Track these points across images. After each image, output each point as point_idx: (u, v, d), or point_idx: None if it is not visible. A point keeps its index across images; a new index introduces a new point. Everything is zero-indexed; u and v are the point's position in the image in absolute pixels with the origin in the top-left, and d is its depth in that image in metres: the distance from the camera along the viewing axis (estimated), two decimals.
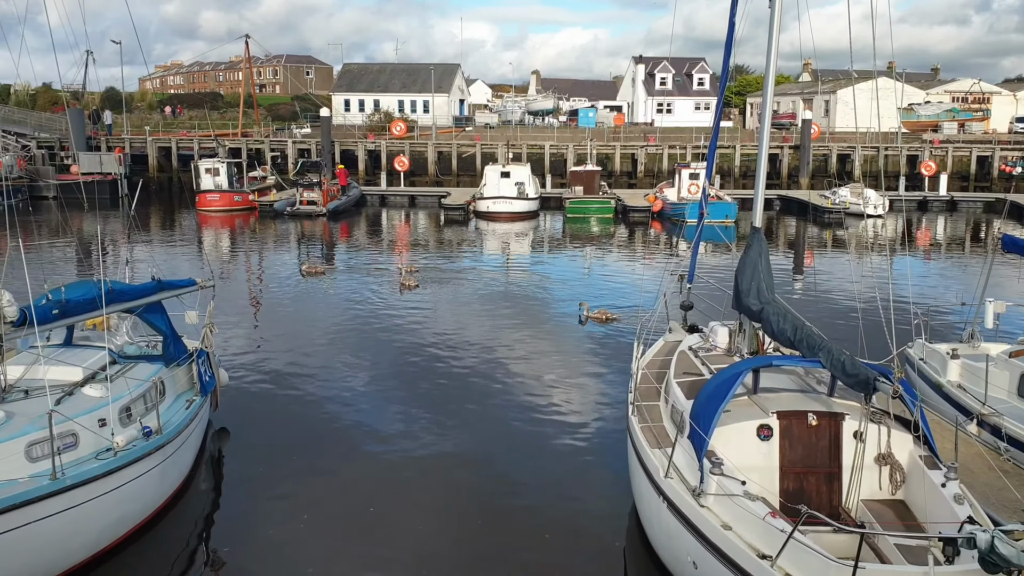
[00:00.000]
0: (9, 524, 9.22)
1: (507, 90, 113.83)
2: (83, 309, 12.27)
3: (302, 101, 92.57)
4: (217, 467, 14.34)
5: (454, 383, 18.63)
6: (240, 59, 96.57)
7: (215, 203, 50.09)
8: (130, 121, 70.96)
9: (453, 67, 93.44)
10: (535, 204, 51.41)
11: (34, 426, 10.28)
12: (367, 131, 70.58)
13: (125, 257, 16.37)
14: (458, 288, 29.37)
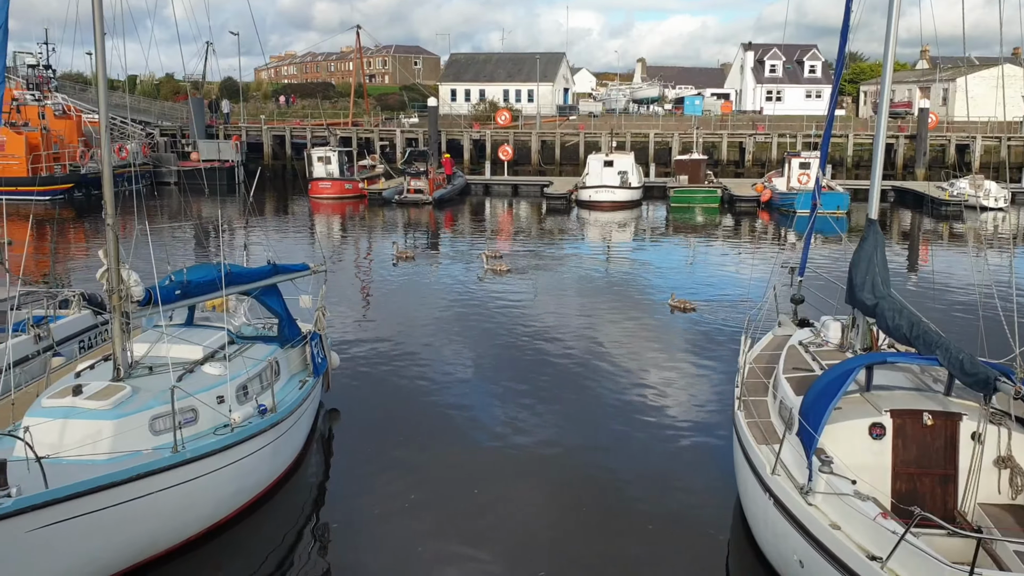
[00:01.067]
0: (134, 493, 9.73)
1: (612, 78, 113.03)
2: (204, 290, 12.81)
3: (410, 91, 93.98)
4: (327, 446, 14.78)
5: (554, 370, 18.72)
6: (351, 50, 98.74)
7: (326, 191, 51.40)
8: (246, 110, 73.40)
9: (558, 56, 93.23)
10: (638, 193, 50.97)
11: (157, 401, 10.78)
12: (472, 120, 71.16)
13: (243, 241, 16.97)
14: (558, 277, 29.45)
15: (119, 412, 10.41)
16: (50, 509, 8.78)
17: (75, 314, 17.16)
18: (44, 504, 8.72)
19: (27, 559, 8.78)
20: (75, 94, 62.10)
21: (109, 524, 9.46)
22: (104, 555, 9.73)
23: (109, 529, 9.50)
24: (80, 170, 50.43)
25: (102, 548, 9.62)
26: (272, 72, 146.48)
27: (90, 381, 11.09)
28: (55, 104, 52.92)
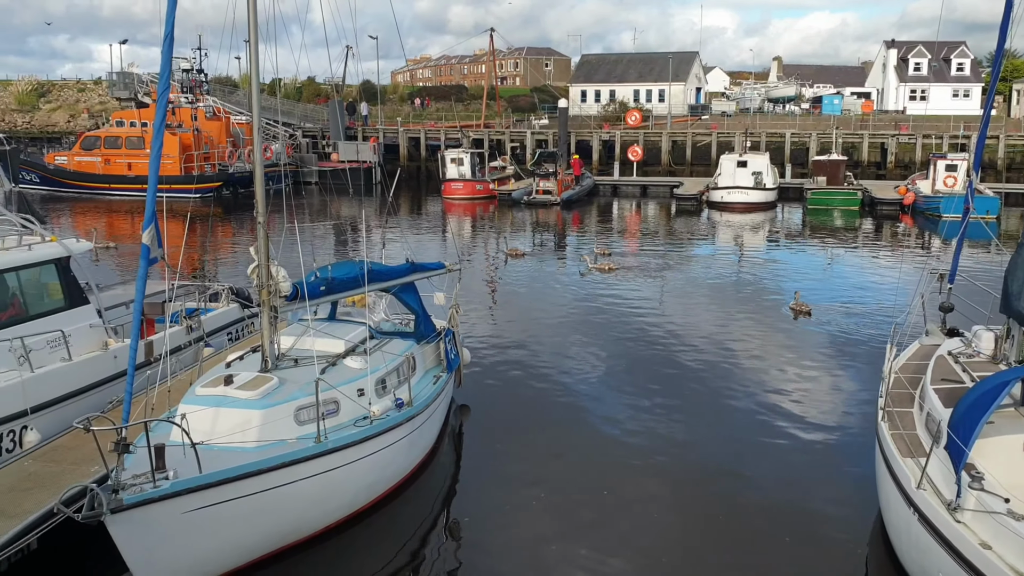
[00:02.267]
0: (280, 480, 10.17)
1: (746, 77, 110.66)
2: (347, 287, 13.27)
3: (540, 92, 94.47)
4: (459, 441, 15.07)
5: (684, 372, 18.52)
6: (484, 52, 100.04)
7: (459, 191, 52.30)
8: (383, 112, 75.42)
9: (691, 55, 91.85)
10: (773, 195, 49.71)
11: (302, 392, 11.23)
12: (602, 121, 70.97)
13: (382, 240, 17.48)
14: (688, 278, 29.14)
15: (267, 402, 10.89)
16: (204, 492, 9.29)
17: (224, 307, 18.09)
18: (199, 488, 9.23)
19: (183, 539, 9.31)
20: (224, 96, 65.28)
21: (257, 509, 9.93)
22: (252, 538, 10.21)
23: (257, 514, 9.97)
24: (228, 169, 52.96)
25: (250, 532, 10.11)
26: (408, 75, 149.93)
27: (240, 372, 11.65)
28: (206, 106, 55.75)
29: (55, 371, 13.09)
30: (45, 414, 12.66)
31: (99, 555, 9.81)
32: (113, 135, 54.36)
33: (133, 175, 51.72)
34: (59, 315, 13.78)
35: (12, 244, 13.92)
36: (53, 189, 52.17)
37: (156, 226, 9.97)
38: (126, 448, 8.74)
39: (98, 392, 13.67)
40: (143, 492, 8.75)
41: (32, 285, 13.84)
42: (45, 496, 10.31)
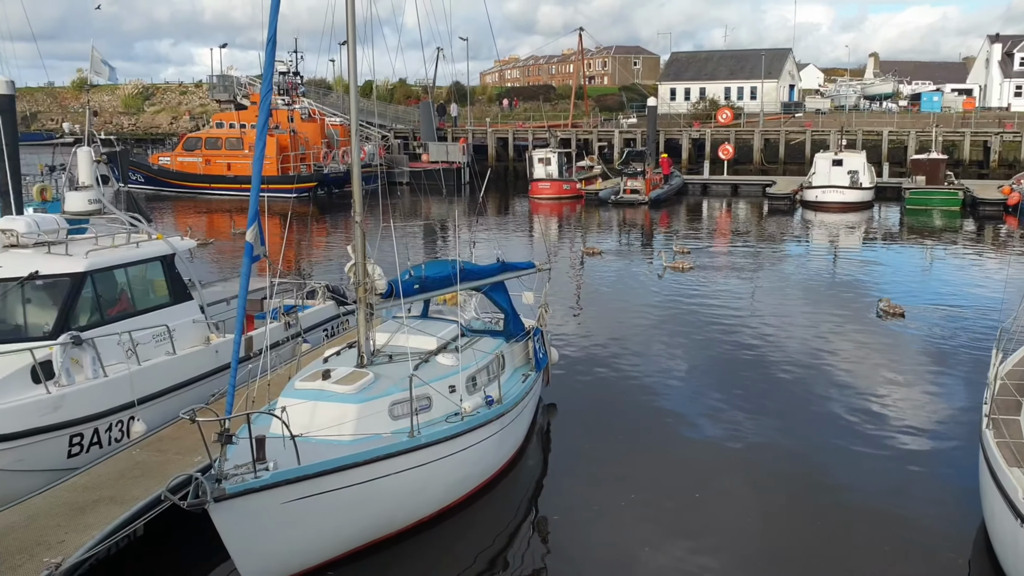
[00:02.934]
0: (375, 473, 10.38)
1: (841, 74, 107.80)
2: (440, 285, 13.47)
3: (629, 91, 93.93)
4: (547, 439, 15.11)
5: (774, 374, 18.22)
6: (572, 52, 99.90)
7: (545, 191, 52.40)
8: (472, 113, 76.04)
9: (784, 52, 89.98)
10: (869, 194, 48.38)
11: (397, 388, 11.44)
12: (692, 119, 70.13)
13: (470, 239, 17.69)
14: (779, 278, 28.64)
15: (363, 397, 11.14)
16: (303, 484, 9.55)
17: (321, 304, 18.55)
18: (298, 479, 9.49)
19: (281, 529, 9.59)
20: (319, 99, 66.81)
21: (353, 501, 10.16)
22: (347, 530, 10.45)
23: (352, 506, 10.20)
24: (323, 170, 54.19)
25: (345, 523, 10.34)
26: (497, 76, 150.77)
27: (337, 367, 11.94)
28: (302, 108, 57.18)
29: (160, 364, 13.64)
30: (151, 406, 13.20)
31: (200, 543, 10.19)
32: (213, 136, 56.21)
33: (232, 175, 53.39)
34: (164, 310, 14.34)
35: (121, 242, 14.54)
36: (157, 188, 54.22)
37: (259, 225, 10.29)
38: (229, 439, 9.04)
39: (200, 385, 14.19)
40: (244, 482, 9.04)
41: (139, 281, 14.42)
42: (152, 484, 10.76)
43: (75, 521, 9.85)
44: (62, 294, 12.90)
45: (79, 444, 12.11)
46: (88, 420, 12.14)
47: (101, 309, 13.30)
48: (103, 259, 13.62)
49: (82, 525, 9.74)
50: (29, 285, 12.86)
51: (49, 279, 12.96)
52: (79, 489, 10.71)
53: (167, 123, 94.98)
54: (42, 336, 12.43)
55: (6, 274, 12.81)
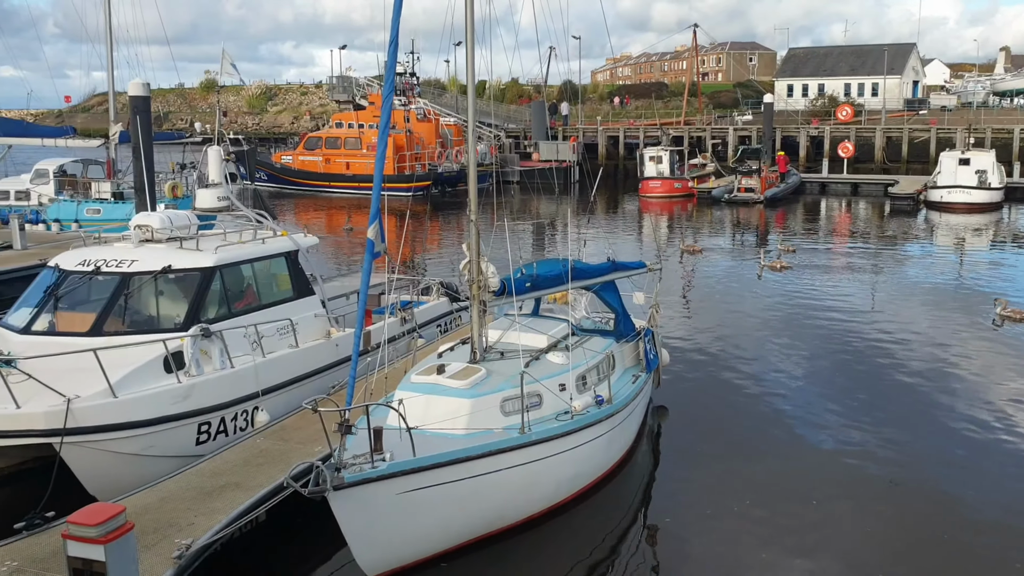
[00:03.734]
0: (487, 468, 10.55)
1: (969, 69, 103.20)
2: (551, 284, 13.55)
3: (744, 88, 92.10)
4: (657, 442, 15.02)
5: (892, 379, 17.67)
6: (685, 48, 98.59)
7: (656, 189, 51.94)
8: (583, 112, 75.97)
9: (907, 47, 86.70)
10: (998, 195, 46.15)
11: (508, 384, 11.58)
12: (810, 116, 68.28)
13: (580, 238, 17.73)
14: (900, 281, 27.72)
15: (476, 392, 11.32)
16: (418, 475, 9.78)
17: (435, 301, 18.92)
18: (414, 470, 9.73)
19: (396, 519, 9.85)
20: (433, 99, 67.94)
21: (465, 494, 10.35)
22: (459, 523, 10.65)
23: (465, 499, 10.39)
24: (437, 169, 55.09)
25: (458, 516, 10.54)
26: (608, 74, 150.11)
27: (451, 362, 12.18)
28: (418, 108, 58.23)
29: (284, 356, 14.17)
30: (274, 396, 13.73)
31: (318, 530, 10.57)
32: (333, 136, 57.83)
33: (351, 174, 54.85)
34: (288, 305, 14.88)
35: (248, 238, 15.17)
36: (280, 186, 56.14)
37: (380, 223, 10.58)
38: (349, 429, 9.34)
39: (321, 377, 14.69)
40: (363, 472, 9.33)
41: (264, 276, 15.02)
42: (275, 471, 11.21)
43: (203, 505, 10.35)
44: (193, 287, 13.55)
45: (206, 432, 12.71)
46: (215, 409, 12.73)
47: (229, 302, 13.90)
48: (231, 254, 14.25)
49: (210, 509, 10.23)
50: (162, 278, 13.55)
51: (181, 273, 13.62)
52: (207, 474, 11.25)
53: (289, 123, 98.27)
54: (173, 328, 13.08)
55: (141, 267, 13.54)
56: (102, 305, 13.25)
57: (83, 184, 35.28)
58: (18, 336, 13.06)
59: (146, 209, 18.65)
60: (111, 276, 13.42)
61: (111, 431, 11.48)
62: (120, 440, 11.60)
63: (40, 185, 34.91)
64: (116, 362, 11.66)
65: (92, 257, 13.77)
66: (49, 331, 13.14)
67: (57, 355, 11.72)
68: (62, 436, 10.99)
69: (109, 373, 11.38)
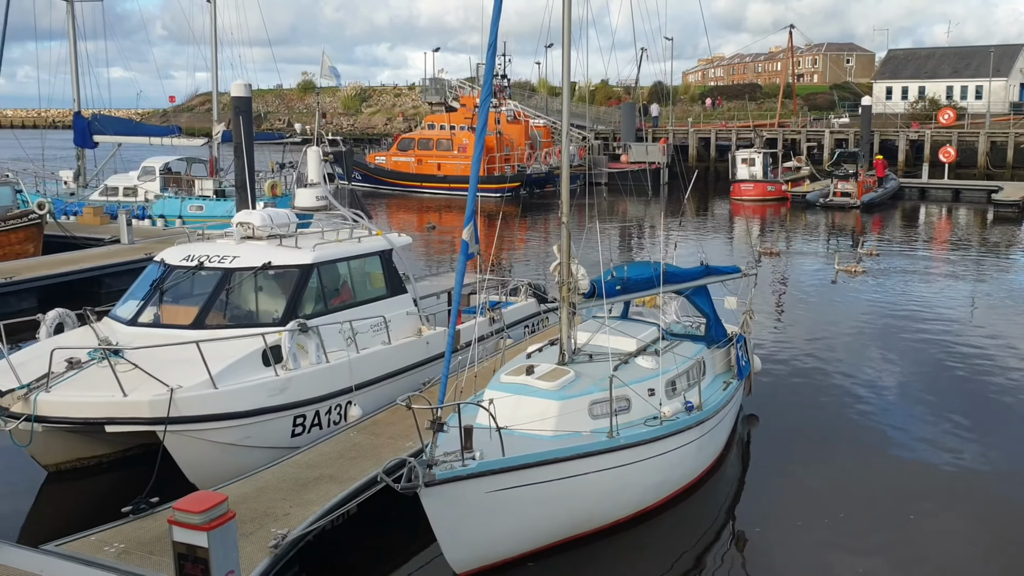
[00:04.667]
0: (575, 470, 10.56)
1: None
2: (642, 287, 13.47)
3: (840, 90, 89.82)
4: (747, 450, 14.79)
5: (995, 395, 16.99)
6: (780, 49, 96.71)
7: (748, 192, 51.12)
8: (674, 113, 75.23)
9: (1015, 48, 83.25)
10: None
11: (597, 387, 11.56)
12: (910, 119, 66.21)
13: (673, 241, 17.58)
14: (1004, 290, 26.79)
15: (564, 394, 11.34)
16: (507, 475, 9.85)
17: (523, 301, 19.02)
18: (503, 470, 9.81)
19: (485, 517, 9.94)
20: (523, 100, 68.18)
21: (552, 496, 10.38)
22: (546, 524, 10.68)
23: (552, 500, 10.42)
24: (526, 170, 55.29)
25: (545, 517, 10.58)
26: (699, 75, 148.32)
27: (540, 363, 12.22)
28: (508, 110, 58.54)
29: (376, 353, 14.45)
30: (366, 391, 14.01)
31: (407, 526, 10.73)
32: (425, 137, 58.59)
33: (442, 175, 55.48)
34: (381, 302, 15.16)
35: (345, 236, 15.51)
36: (373, 186, 57.11)
37: (475, 224, 10.71)
38: (440, 427, 9.48)
39: (411, 374, 14.93)
40: (453, 469, 9.45)
41: (359, 274, 15.34)
42: (367, 465, 11.45)
43: (299, 496, 10.64)
44: (291, 284, 13.93)
45: (301, 424, 13.05)
46: (310, 402, 13.05)
47: (325, 299, 14.25)
48: (328, 252, 14.60)
49: (305, 500, 10.50)
50: (262, 274, 13.97)
51: (280, 269, 14.02)
52: (302, 466, 11.55)
53: (382, 124, 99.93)
54: (272, 322, 13.47)
55: (242, 263, 13.98)
56: (204, 299, 13.73)
57: (187, 181, 36.63)
58: (125, 327, 13.62)
59: (247, 207, 19.28)
60: (214, 271, 13.90)
61: (211, 421, 11.89)
62: (219, 430, 12.00)
63: (147, 182, 36.36)
64: (217, 354, 12.05)
65: (196, 253, 14.28)
66: (154, 323, 13.67)
67: (161, 346, 12.21)
68: (165, 425, 11.42)
69: (210, 365, 11.77)
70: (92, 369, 12.06)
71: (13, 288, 22.75)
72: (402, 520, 11.00)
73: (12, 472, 13.18)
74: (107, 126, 39.41)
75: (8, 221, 27.36)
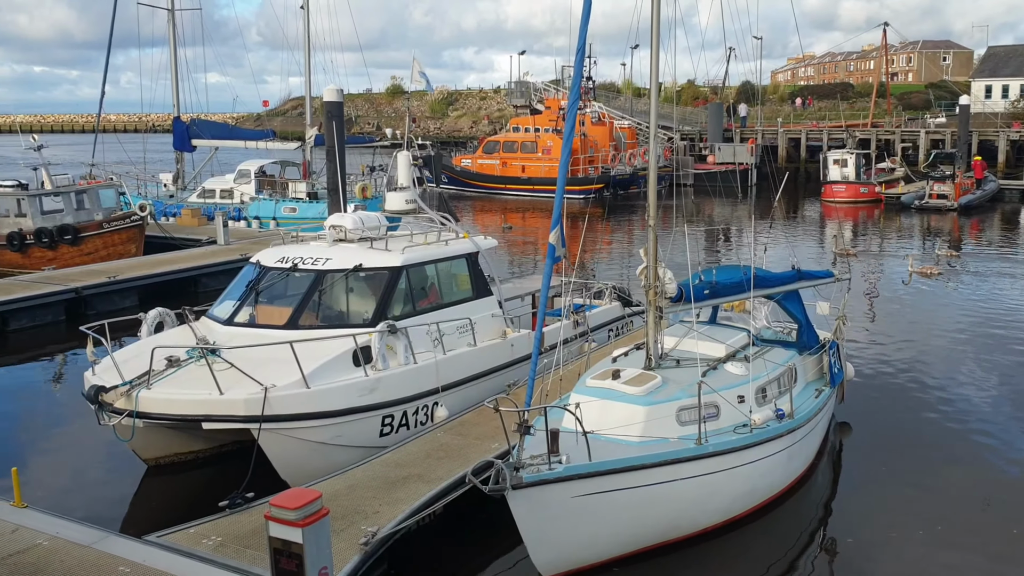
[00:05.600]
0: (662, 477, 10.46)
1: None
2: (731, 291, 13.27)
3: (936, 89, 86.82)
4: (838, 459, 14.43)
5: None
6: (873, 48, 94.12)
7: (840, 194, 49.92)
8: (762, 113, 73.86)
9: None
10: None
11: (685, 393, 11.42)
12: (1011, 119, 63.66)
13: (763, 244, 17.26)
14: None
15: (651, 399, 11.24)
16: (594, 480, 9.82)
17: (607, 304, 18.93)
18: (590, 474, 9.78)
19: (571, 522, 9.93)
20: (607, 102, 67.87)
21: (639, 502, 10.30)
22: (632, 530, 10.61)
23: (639, 507, 10.34)
24: (610, 172, 55.06)
25: (631, 523, 10.51)
26: (789, 74, 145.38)
27: (626, 367, 12.14)
28: (592, 112, 58.37)
29: (462, 355, 14.57)
30: (452, 393, 14.15)
31: (492, 528, 10.76)
32: (510, 140, 58.87)
33: (526, 177, 55.65)
34: (467, 304, 15.30)
35: (432, 239, 15.70)
36: (459, 188, 57.64)
37: (562, 228, 10.71)
38: (527, 430, 9.52)
39: (496, 376, 15.00)
40: (540, 472, 9.47)
41: (447, 276, 15.51)
42: (454, 465, 11.56)
43: (388, 494, 10.80)
44: (381, 285, 14.18)
45: (389, 424, 13.25)
46: (399, 403, 13.25)
47: (414, 301, 14.45)
48: (417, 255, 14.81)
49: (394, 499, 10.66)
50: (353, 276, 14.26)
51: (371, 271, 14.29)
52: (392, 465, 11.72)
53: (467, 127, 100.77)
54: (362, 323, 13.72)
55: (334, 265, 14.28)
56: (298, 300, 14.08)
57: (281, 184, 37.60)
58: (222, 327, 14.05)
59: (339, 209, 19.67)
60: (307, 273, 14.24)
61: (304, 420, 12.17)
62: (311, 429, 12.28)
63: (242, 185, 37.47)
64: (309, 354, 12.33)
65: (290, 255, 14.65)
66: (249, 323, 14.07)
67: (256, 346, 12.55)
68: (260, 423, 11.74)
69: (303, 364, 12.04)
70: (190, 367, 12.49)
71: (116, 287, 23.73)
72: (488, 520, 11.06)
73: (115, 465, 13.74)
74: (204, 130, 40.75)
75: (112, 222, 28.56)
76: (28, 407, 17.45)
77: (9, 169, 42.06)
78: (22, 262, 27.62)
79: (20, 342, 21.46)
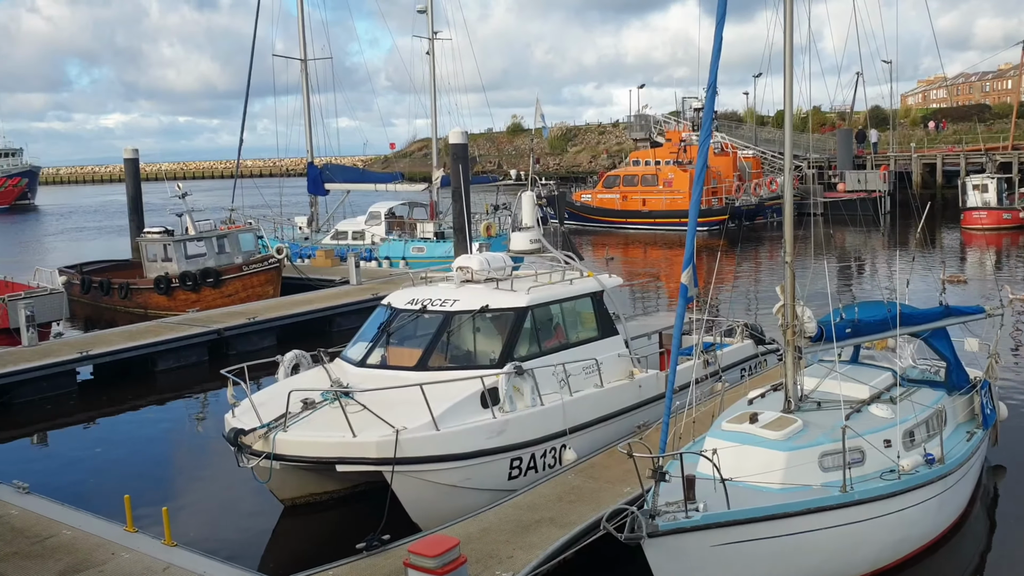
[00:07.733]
0: (804, 526, 10.00)
1: None
2: (874, 329, 12.65)
3: None
4: (993, 505, 13.55)
5: None
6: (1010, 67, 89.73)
7: (981, 221, 47.52)
8: (894, 138, 71.19)
9: None
10: None
11: (827, 437, 10.93)
12: None
13: (906, 277, 16.41)
14: None
15: (792, 445, 10.80)
16: (733, 529, 9.48)
17: (739, 343, 18.39)
18: (729, 523, 9.45)
19: (709, 572, 9.59)
20: (730, 132, 66.79)
21: (780, 552, 9.89)
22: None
23: (779, 557, 9.93)
24: (735, 203, 54.04)
25: (771, 574, 10.08)
26: (919, 97, 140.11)
27: (763, 410, 11.72)
28: (715, 143, 57.55)
29: (589, 396, 14.38)
30: (580, 435, 13.96)
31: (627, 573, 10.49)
32: (630, 173, 58.59)
33: (647, 210, 55.23)
34: (593, 344, 15.12)
35: (557, 279, 15.65)
36: (579, 224, 57.68)
37: (694, 267, 10.47)
38: (663, 477, 9.27)
39: (624, 418, 14.74)
40: (677, 520, 9.19)
41: (572, 316, 15.40)
42: (586, 509, 11.36)
43: (521, 539, 10.68)
44: (507, 326, 14.19)
45: (518, 467, 13.17)
46: (527, 445, 13.17)
47: (539, 341, 14.40)
48: (542, 295, 14.77)
49: (527, 543, 10.52)
50: (479, 317, 14.33)
51: (497, 312, 14.33)
52: (523, 508, 11.61)
53: (586, 161, 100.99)
54: (489, 364, 13.75)
55: (462, 307, 14.40)
56: (427, 341, 14.25)
57: (409, 225, 38.51)
58: (355, 368, 14.34)
59: (465, 248, 19.89)
60: (436, 315, 14.41)
61: (434, 462, 12.23)
62: (442, 471, 12.33)
63: (373, 226, 38.56)
64: (438, 395, 12.42)
65: (419, 296, 14.87)
66: (381, 364, 14.31)
67: (388, 388, 12.73)
68: (392, 465, 11.85)
69: (432, 406, 12.13)
70: (325, 409, 12.77)
71: (256, 327, 24.65)
72: (622, 566, 10.79)
73: (254, 504, 14.14)
74: (336, 174, 42.23)
75: (251, 265, 29.79)
76: (175, 447, 18.28)
77: (156, 215, 44.62)
78: (168, 304, 29.11)
79: (167, 382, 22.50)
